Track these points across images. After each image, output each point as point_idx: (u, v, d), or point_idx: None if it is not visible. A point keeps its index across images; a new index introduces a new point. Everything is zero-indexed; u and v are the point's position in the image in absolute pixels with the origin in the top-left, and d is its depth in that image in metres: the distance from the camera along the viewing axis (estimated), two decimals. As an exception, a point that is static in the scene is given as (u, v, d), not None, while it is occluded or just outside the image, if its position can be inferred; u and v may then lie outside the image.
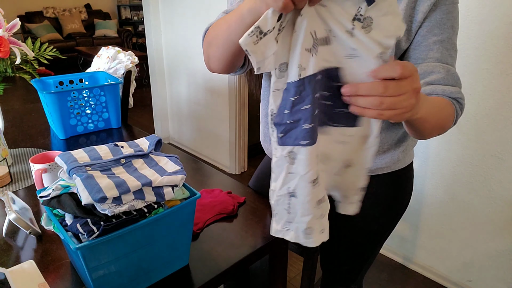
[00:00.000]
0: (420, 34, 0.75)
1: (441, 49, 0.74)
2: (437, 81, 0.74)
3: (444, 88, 0.73)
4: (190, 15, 2.74)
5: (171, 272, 0.74)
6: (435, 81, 0.74)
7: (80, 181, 0.60)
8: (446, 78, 0.73)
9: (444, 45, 0.74)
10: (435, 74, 0.74)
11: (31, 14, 6.33)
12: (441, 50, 0.74)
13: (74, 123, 1.39)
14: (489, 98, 1.43)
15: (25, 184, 1.06)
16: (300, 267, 1.89)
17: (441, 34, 0.74)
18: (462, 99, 0.74)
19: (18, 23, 1.11)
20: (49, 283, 0.70)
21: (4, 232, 0.84)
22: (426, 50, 0.75)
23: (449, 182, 1.63)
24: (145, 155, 0.73)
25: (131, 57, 1.69)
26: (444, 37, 0.74)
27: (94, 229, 0.60)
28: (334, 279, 1.09)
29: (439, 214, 1.71)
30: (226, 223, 0.91)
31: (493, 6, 1.33)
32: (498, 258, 1.58)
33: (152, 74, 3.25)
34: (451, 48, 0.75)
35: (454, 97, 0.73)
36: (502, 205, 1.50)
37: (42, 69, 5.57)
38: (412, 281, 1.81)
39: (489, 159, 1.49)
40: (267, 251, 0.86)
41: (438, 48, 0.74)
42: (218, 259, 0.78)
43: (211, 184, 1.09)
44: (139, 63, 2.37)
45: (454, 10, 0.74)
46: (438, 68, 0.74)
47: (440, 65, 0.74)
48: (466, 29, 1.41)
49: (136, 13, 7.60)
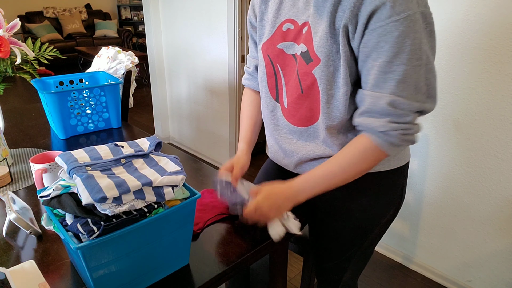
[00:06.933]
0: (360, 59, 0.74)
1: (376, 74, 0.71)
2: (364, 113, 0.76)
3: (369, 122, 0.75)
4: (190, 15, 2.74)
5: (171, 272, 0.74)
6: (363, 113, 0.76)
7: (80, 181, 0.60)
8: (370, 110, 0.74)
9: (381, 69, 0.71)
10: (362, 105, 0.76)
11: (31, 14, 6.33)
12: (377, 75, 0.72)
13: (74, 123, 1.39)
14: (489, 98, 1.43)
15: (25, 184, 1.06)
16: (300, 267, 1.89)
17: (378, 58, 0.70)
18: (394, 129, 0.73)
19: (18, 23, 1.11)
20: (50, 283, 0.70)
21: (5, 232, 0.84)
22: (366, 75, 0.74)
23: (449, 182, 1.63)
24: (145, 155, 0.73)
25: (131, 57, 1.70)
26: (381, 61, 0.70)
27: (94, 229, 0.60)
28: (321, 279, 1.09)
29: (439, 214, 1.71)
30: (227, 223, 0.91)
31: (493, 6, 1.33)
32: (498, 258, 1.58)
33: (152, 74, 3.26)
34: (389, 71, 0.70)
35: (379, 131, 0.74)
36: (502, 205, 1.50)
37: (42, 69, 5.57)
38: (411, 280, 1.81)
39: (488, 159, 1.49)
40: (267, 251, 0.87)
41: (374, 73, 0.72)
42: (218, 259, 0.78)
43: (211, 184, 1.09)
44: (139, 63, 2.37)
45: (396, 29, 0.66)
46: (366, 98, 0.75)
47: (369, 94, 0.74)
48: (465, 29, 1.41)
49: (136, 13, 7.61)
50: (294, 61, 0.84)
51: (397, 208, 0.97)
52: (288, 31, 0.84)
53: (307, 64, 0.79)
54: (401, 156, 0.92)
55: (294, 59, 0.84)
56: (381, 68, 0.70)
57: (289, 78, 0.86)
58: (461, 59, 1.46)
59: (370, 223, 0.94)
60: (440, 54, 1.50)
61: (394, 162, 0.90)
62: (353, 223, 0.94)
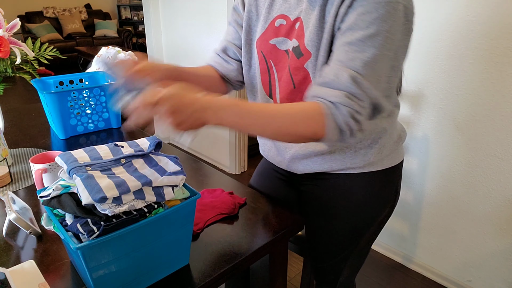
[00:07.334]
0: (336, 37, 0.72)
1: (347, 51, 0.69)
2: (323, 84, 0.71)
3: (325, 91, 0.70)
4: (190, 15, 2.74)
5: (171, 272, 0.74)
6: (322, 84, 0.71)
7: (80, 181, 0.60)
8: (331, 82, 0.69)
9: (352, 47, 0.68)
10: (323, 78, 0.71)
11: (31, 14, 6.33)
12: (347, 52, 0.69)
13: (74, 123, 1.39)
14: (489, 98, 1.43)
15: (25, 184, 1.06)
16: (300, 267, 1.89)
17: (352, 37, 0.68)
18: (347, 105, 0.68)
19: (18, 23, 1.11)
20: (49, 283, 0.70)
21: (4, 232, 0.84)
22: (336, 53, 0.71)
23: (449, 182, 1.63)
24: (145, 155, 0.73)
25: (131, 57, 1.69)
26: (354, 39, 0.68)
27: (94, 229, 0.60)
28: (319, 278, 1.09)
29: (439, 214, 1.71)
30: (227, 223, 0.91)
31: (493, 6, 1.33)
32: (498, 258, 1.58)
33: (152, 74, 3.25)
34: (359, 51, 0.68)
35: (331, 101, 0.68)
36: (502, 205, 1.50)
37: (42, 69, 5.57)
38: (412, 281, 1.81)
39: (488, 159, 1.49)
40: (267, 251, 0.86)
41: (345, 50, 0.69)
42: (218, 259, 0.78)
43: (211, 184, 1.09)
44: (139, 63, 2.39)
45: (375, 11, 0.66)
46: (330, 71, 0.70)
47: (333, 67, 0.70)
48: (466, 30, 1.41)
49: (136, 13, 7.61)
50: (287, 56, 0.84)
51: (392, 206, 0.97)
52: (280, 27, 0.84)
53: (298, 59, 0.79)
54: (395, 156, 0.92)
55: (286, 54, 0.84)
56: (352, 46, 0.68)
57: (281, 74, 0.86)
58: (461, 60, 1.46)
59: (365, 222, 0.94)
60: (440, 55, 1.50)
61: (387, 161, 0.90)
62: (348, 223, 0.94)
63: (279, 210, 0.95)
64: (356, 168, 0.89)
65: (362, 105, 0.69)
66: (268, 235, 0.85)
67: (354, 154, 0.87)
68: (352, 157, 0.88)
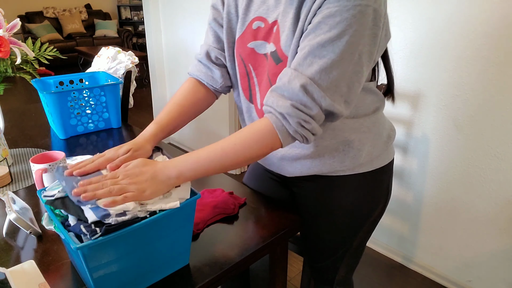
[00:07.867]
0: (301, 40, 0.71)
1: (306, 54, 0.68)
2: (275, 88, 0.71)
3: (274, 99, 0.70)
4: (190, 15, 2.74)
5: (171, 272, 0.74)
6: (274, 88, 0.71)
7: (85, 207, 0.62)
8: (282, 87, 0.70)
9: (311, 51, 0.67)
10: (278, 81, 0.72)
11: (31, 14, 6.33)
12: (305, 56, 0.68)
13: (74, 123, 1.39)
14: (489, 98, 1.43)
15: (25, 184, 1.06)
16: (300, 267, 1.89)
17: (313, 40, 0.67)
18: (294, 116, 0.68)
19: (18, 23, 1.11)
20: (50, 283, 0.70)
21: (5, 232, 0.84)
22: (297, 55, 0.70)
23: (449, 182, 1.63)
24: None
25: (131, 57, 1.69)
26: (315, 43, 0.66)
27: (97, 230, 0.60)
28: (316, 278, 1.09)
29: (439, 214, 1.71)
30: (226, 223, 0.91)
31: (493, 7, 1.33)
32: (498, 258, 1.58)
33: (152, 74, 3.25)
34: (318, 55, 0.67)
35: (280, 111, 0.69)
36: (502, 205, 1.50)
37: (42, 69, 5.56)
38: (412, 281, 1.81)
39: (489, 159, 1.49)
40: (267, 251, 0.86)
41: (304, 53, 0.68)
42: (218, 259, 0.78)
43: (211, 184, 1.09)
44: (139, 63, 2.37)
45: (340, 15, 0.64)
46: (284, 75, 0.70)
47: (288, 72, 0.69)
48: (466, 30, 1.41)
49: (136, 13, 7.61)
50: (266, 60, 0.81)
51: (384, 205, 0.97)
52: (258, 29, 0.81)
53: (276, 65, 0.77)
54: (385, 156, 0.92)
55: (265, 58, 0.81)
56: (312, 49, 0.67)
57: (261, 78, 0.84)
58: (462, 60, 1.46)
59: (357, 222, 0.94)
60: (441, 55, 1.50)
61: (377, 162, 0.90)
62: (341, 223, 0.94)
63: (279, 210, 0.95)
64: (346, 170, 0.88)
65: (310, 114, 0.69)
66: (268, 235, 0.85)
67: (344, 157, 0.86)
68: (342, 159, 0.86)
